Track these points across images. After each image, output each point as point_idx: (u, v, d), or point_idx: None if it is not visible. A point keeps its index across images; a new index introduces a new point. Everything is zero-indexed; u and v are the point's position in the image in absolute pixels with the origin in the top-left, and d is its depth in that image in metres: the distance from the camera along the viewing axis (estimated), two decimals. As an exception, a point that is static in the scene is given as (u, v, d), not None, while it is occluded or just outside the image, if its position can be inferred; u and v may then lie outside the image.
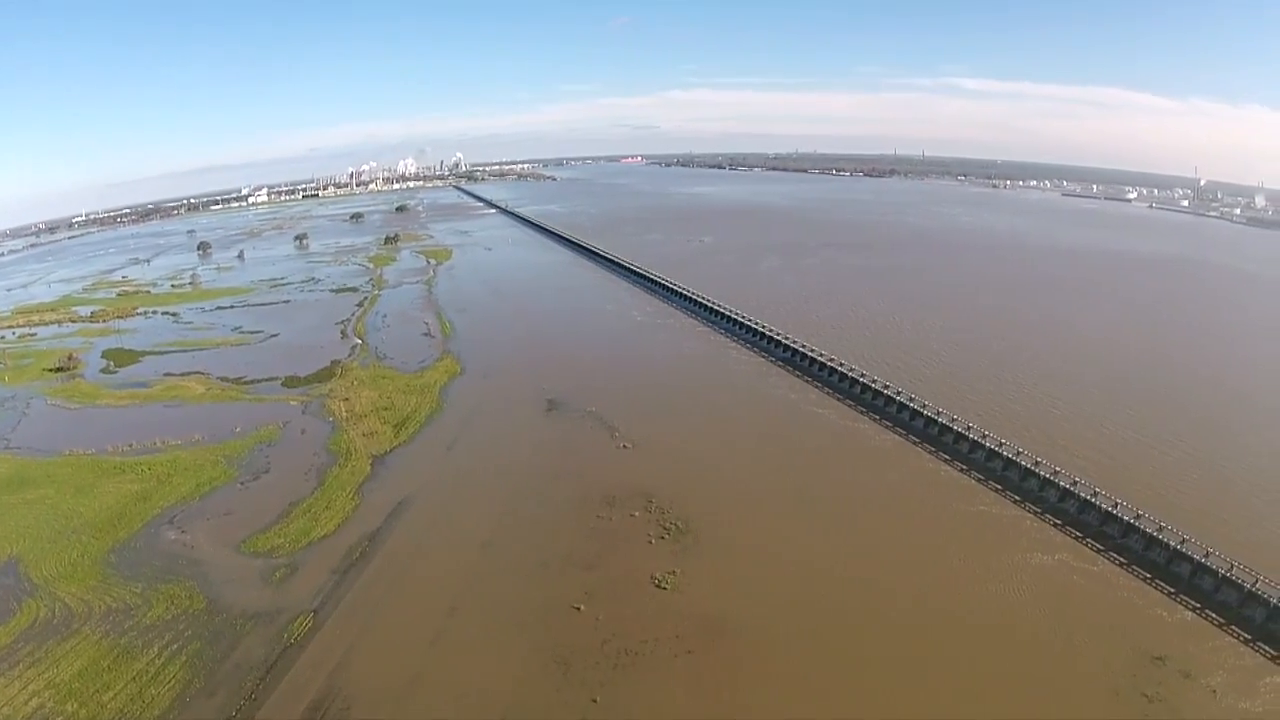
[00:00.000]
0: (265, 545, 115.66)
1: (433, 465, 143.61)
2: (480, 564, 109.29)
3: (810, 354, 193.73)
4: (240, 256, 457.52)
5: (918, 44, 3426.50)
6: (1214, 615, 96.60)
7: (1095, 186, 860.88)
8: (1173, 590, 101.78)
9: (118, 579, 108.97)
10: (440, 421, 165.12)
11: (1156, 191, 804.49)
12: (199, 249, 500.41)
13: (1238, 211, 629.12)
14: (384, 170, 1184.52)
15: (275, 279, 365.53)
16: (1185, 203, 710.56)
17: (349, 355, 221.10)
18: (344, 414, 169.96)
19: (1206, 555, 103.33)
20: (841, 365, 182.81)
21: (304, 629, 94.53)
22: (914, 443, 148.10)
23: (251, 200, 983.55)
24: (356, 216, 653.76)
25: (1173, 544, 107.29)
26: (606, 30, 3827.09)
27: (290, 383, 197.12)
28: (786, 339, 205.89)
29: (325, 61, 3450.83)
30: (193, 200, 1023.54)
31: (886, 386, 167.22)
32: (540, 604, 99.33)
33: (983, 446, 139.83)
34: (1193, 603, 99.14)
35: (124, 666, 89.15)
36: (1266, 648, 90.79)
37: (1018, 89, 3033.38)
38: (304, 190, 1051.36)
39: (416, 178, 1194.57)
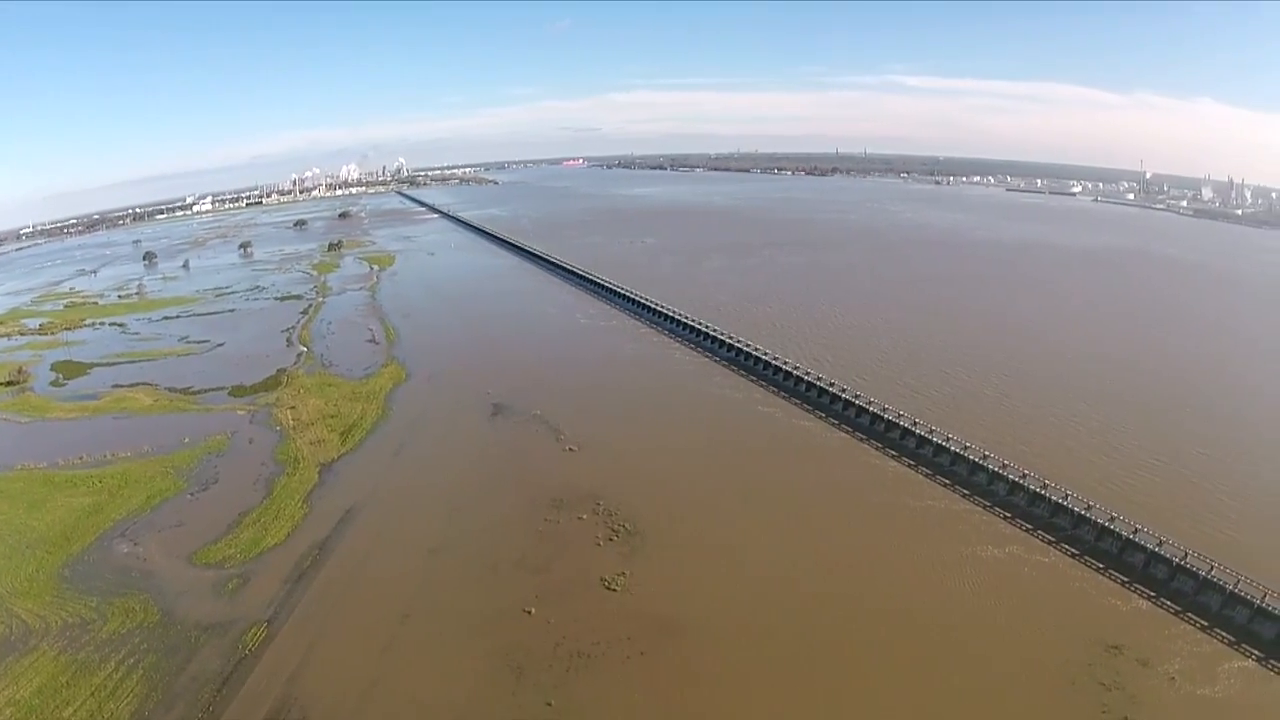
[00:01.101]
0: (217, 556, 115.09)
1: (380, 472, 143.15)
2: (430, 570, 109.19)
3: (755, 353, 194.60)
4: (185, 266, 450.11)
5: (861, 43, 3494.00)
6: (1169, 604, 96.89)
7: (1040, 181, 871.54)
8: (1126, 580, 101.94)
9: (73, 593, 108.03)
10: (386, 428, 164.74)
11: (1102, 185, 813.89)
12: (145, 259, 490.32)
13: (1184, 204, 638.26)
14: (327, 176, 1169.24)
15: (220, 288, 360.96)
16: (1131, 196, 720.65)
17: (295, 363, 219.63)
18: (291, 422, 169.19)
19: (1160, 544, 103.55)
20: (786, 364, 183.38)
21: (258, 639, 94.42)
22: (860, 439, 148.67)
23: (196, 209, 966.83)
24: (300, 223, 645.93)
25: (1125, 534, 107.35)
26: (548, 33, 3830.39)
27: (237, 392, 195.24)
28: (730, 338, 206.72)
29: (269, 68, 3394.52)
30: (138, 210, 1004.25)
31: (832, 384, 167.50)
32: (491, 608, 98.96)
33: (930, 442, 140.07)
34: (1147, 591, 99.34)
35: (82, 682, 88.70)
36: (1224, 634, 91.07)
37: (961, 86, 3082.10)
38: (248, 198, 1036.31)
39: (359, 184, 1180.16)
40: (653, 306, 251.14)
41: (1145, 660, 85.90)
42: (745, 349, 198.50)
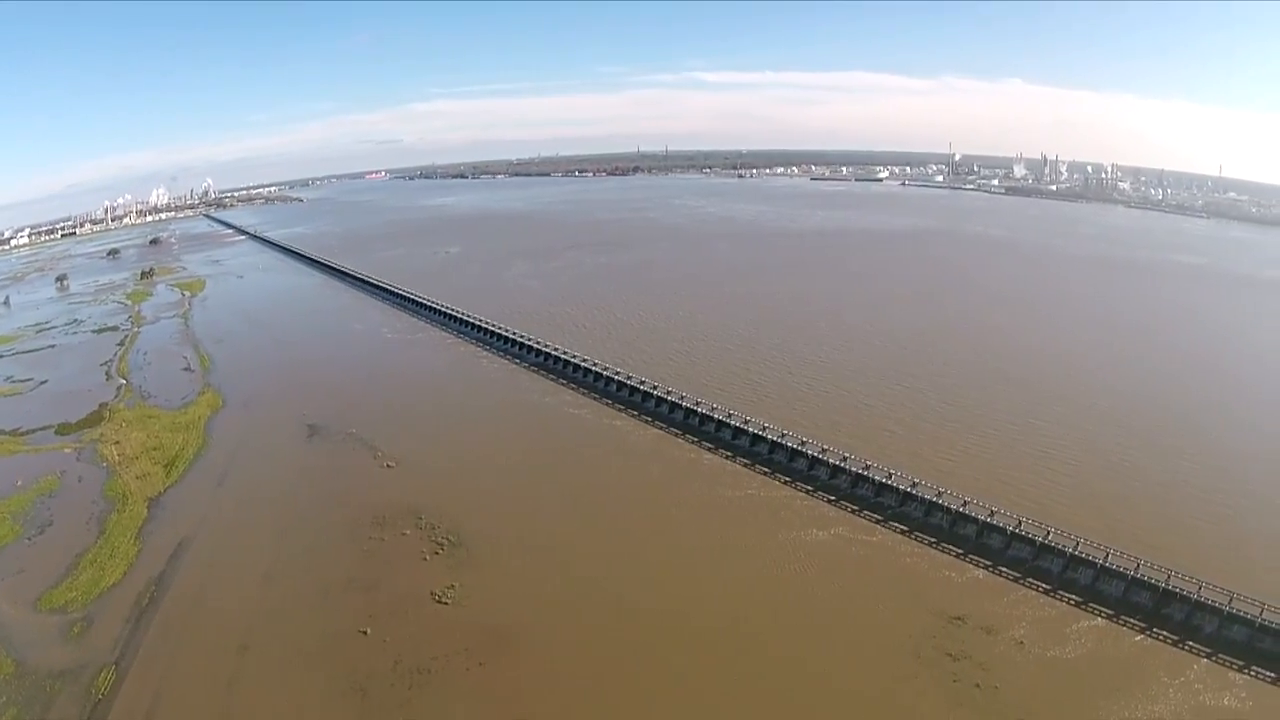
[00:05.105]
0: (60, 600, 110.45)
1: (206, 502, 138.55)
2: (264, 597, 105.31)
3: (561, 356, 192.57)
4: (6, 302, 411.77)
5: (660, 41, 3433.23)
6: (1007, 571, 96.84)
7: (845, 169, 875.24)
8: (960, 552, 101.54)
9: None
10: (208, 457, 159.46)
11: (909, 169, 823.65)
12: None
13: (995, 182, 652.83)
14: (138, 203, 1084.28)
15: (40, 323, 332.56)
16: (940, 178, 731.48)
17: (115, 397, 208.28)
18: (116, 458, 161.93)
19: (991, 514, 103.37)
20: (595, 365, 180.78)
21: (109, 682, 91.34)
22: (674, 434, 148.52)
23: (14, 243, 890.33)
24: (113, 252, 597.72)
25: (954, 507, 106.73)
26: (347, 46, 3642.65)
27: (63, 430, 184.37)
28: (536, 343, 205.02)
29: (80, 92, 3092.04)
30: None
31: (642, 382, 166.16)
32: (327, 631, 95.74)
33: (746, 432, 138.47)
34: (983, 561, 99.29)
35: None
36: (1069, 595, 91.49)
37: (761, 79, 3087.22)
38: (63, 229, 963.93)
39: (169, 208, 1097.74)
40: (458, 316, 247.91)
41: (990, 628, 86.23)
42: (552, 352, 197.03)
